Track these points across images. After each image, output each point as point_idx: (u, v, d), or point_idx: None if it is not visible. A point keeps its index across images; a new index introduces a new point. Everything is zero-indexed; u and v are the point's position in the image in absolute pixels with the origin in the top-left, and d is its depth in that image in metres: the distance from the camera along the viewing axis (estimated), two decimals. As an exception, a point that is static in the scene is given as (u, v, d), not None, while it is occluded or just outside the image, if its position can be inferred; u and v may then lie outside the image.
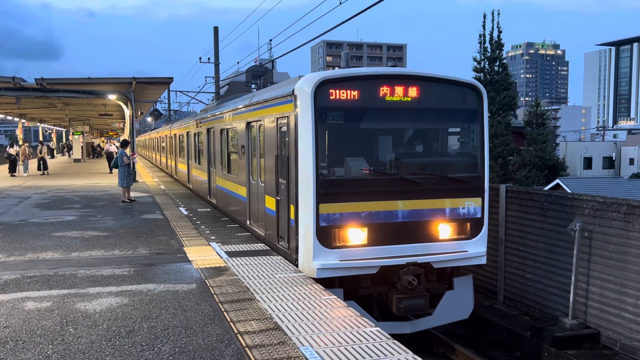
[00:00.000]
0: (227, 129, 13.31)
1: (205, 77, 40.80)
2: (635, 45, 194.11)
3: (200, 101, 41.98)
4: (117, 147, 35.86)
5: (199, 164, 18.07)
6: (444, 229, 8.44)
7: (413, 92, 8.26)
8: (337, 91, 7.87)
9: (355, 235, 8.00)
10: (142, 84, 24.98)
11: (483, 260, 8.68)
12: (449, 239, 8.46)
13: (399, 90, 8.17)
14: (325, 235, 7.85)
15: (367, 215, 8.04)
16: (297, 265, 8.20)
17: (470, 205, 8.58)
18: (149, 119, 53.52)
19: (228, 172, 13.33)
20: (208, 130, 15.97)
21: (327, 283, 7.68)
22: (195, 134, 18.97)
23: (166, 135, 31.09)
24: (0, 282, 7.76)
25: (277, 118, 8.88)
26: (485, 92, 8.76)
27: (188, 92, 41.51)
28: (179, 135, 24.04)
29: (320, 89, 7.78)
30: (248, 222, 11.33)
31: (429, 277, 8.46)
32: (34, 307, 6.59)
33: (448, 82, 8.61)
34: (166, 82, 25.36)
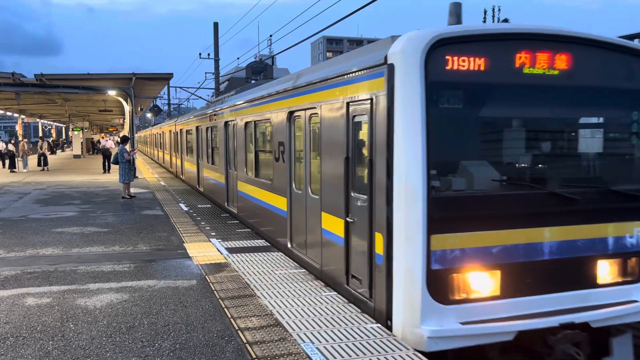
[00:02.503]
0: (255, 121, 10.80)
1: (205, 73, 40.68)
2: (635, 41, 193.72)
3: (200, 97, 41.93)
4: (114, 142, 35.80)
5: (213, 163, 15.68)
6: (605, 269, 5.84)
7: (563, 61, 5.59)
8: (456, 59, 5.23)
9: (483, 282, 5.37)
10: (142, 80, 24.94)
11: None
12: (611, 282, 5.86)
13: (543, 58, 5.50)
14: (440, 284, 5.20)
15: (500, 252, 5.39)
16: (388, 327, 5.49)
17: None
18: (149, 115, 53.48)
19: (256, 177, 10.78)
20: (226, 124, 13.51)
21: (436, 355, 5.20)
22: (207, 128, 16.40)
23: (170, 131, 28.54)
24: (1, 278, 7.75)
25: (348, 103, 6.30)
26: None
27: (188, 88, 41.43)
28: (186, 131, 21.57)
29: (434, 54, 5.13)
30: (290, 244, 8.71)
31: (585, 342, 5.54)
32: (34, 303, 6.59)
33: (618, 48, 5.84)
34: (166, 77, 25.32)
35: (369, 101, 5.78)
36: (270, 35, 28.84)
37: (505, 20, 6.21)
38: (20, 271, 8.10)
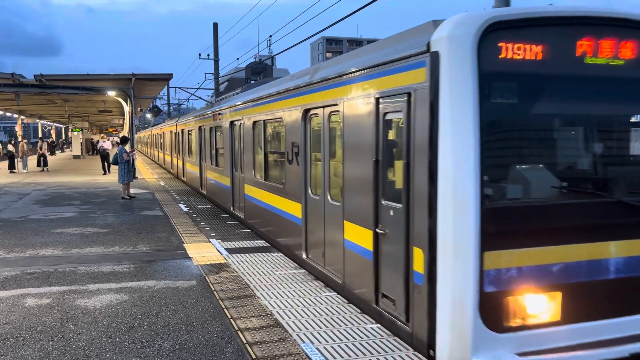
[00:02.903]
0: (264, 120, 10.08)
1: (205, 73, 40.72)
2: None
3: (200, 97, 41.94)
4: (113, 143, 35.64)
5: (217, 165, 14.91)
6: None
7: (629, 49, 4.83)
8: (511, 46, 4.50)
9: (542, 306, 4.65)
10: (142, 81, 24.95)
11: None
12: None
13: (607, 46, 4.76)
14: (494, 309, 4.48)
15: (562, 270, 4.69)
16: (430, 357, 4.78)
17: None
18: (149, 116, 53.49)
19: (265, 180, 10.09)
20: (232, 123, 12.73)
21: None
22: (211, 128, 15.57)
23: (171, 131, 27.68)
24: (1, 278, 7.75)
25: (378, 98, 5.55)
26: None
27: (187, 88, 41.46)
28: (188, 131, 20.73)
29: (487, 40, 4.43)
30: (305, 255, 8.00)
31: None
32: (34, 303, 6.59)
33: None
34: (165, 78, 25.33)
35: (406, 96, 5.03)
36: (270, 36, 28.85)
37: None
38: (20, 272, 8.09)
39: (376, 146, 5.62)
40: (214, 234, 10.91)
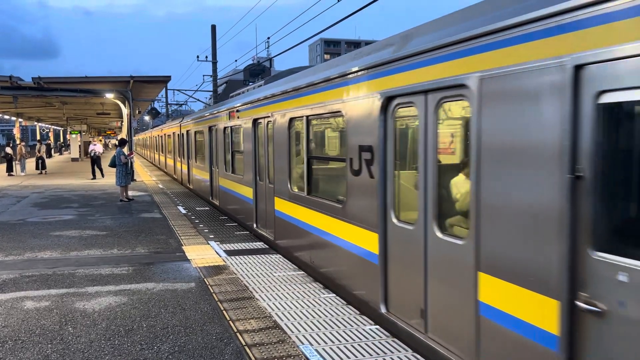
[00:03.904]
0: (307, 116, 7.72)
1: (203, 75, 40.71)
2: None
3: (198, 99, 41.96)
4: (102, 146, 35.08)
5: (233, 172, 12.91)
6: None
7: None
8: None
9: None
10: (140, 83, 24.94)
11: None
12: None
13: None
14: None
15: None
16: None
17: None
18: (147, 118, 53.46)
19: (309, 194, 7.78)
20: (255, 122, 10.57)
21: None
22: (226, 129, 13.43)
23: (174, 133, 25.64)
24: (-1, 281, 7.74)
25: (587, 70, 3.18)
26: None
27: (186, 90, 41.45)
28: (195, 132, 18.67)
29: None
30: (384, 307, 5.71)
31: None
32: (32, 306, 6.58)
33: None
34: (164, 80, 25.33)
35: None
36: (268, 38, 28.87)
37: None
38: (18, 274, 8.08)
39: (574, 150, 3.26)
40: (212, 236, 10.91)
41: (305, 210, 7.96)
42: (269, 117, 9.61)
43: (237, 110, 11.98)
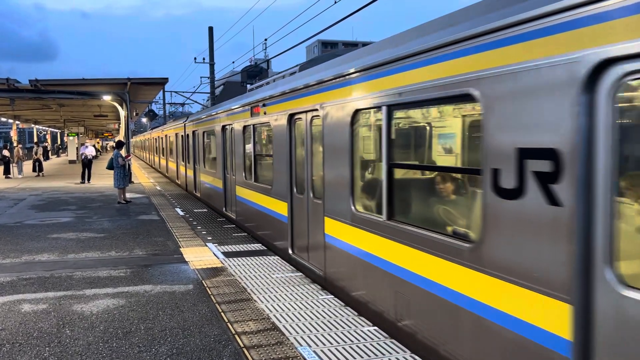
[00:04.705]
0: (392, 106, 5.38)
1: (201, 77, 40.72)
2: None
3: (196, 101, 41.93)
4: (95, 149, 34.45)
5: (256, 181, 10.63)
6: None
7: None
8: None
9: None
10: (137, 85, 24.92)
11: None
12: None
13: None
14: None
15: None
16: None
17: None
18: (144, 120, 53.42)
19: (394, 219, 5.42)
20: (293, 117, 8.28)
21: None
22: (246, 128, 11.15)
23: (176, 134, 23.54)
24: (-4, 284, 7.73)
25: None
26: None
27: (183, 92, 41.40)
28: (204, 133, 16.44)
29: None
30: None
31: None
32: (30, 309, 6.56)
33: None
34: (161, 82, 25.31)
35: None
36: (265, 39, 28.87)
37: None
38: (16, 277, 8.07)
39: None
40: (210, 238, 10.90)
41: (383, 243, 5.50)
42: (314, 110, 7.33)
43: (264, 104, 9.68)
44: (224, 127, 13.40)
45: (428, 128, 5.41)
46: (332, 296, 6.78)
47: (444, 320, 4.52)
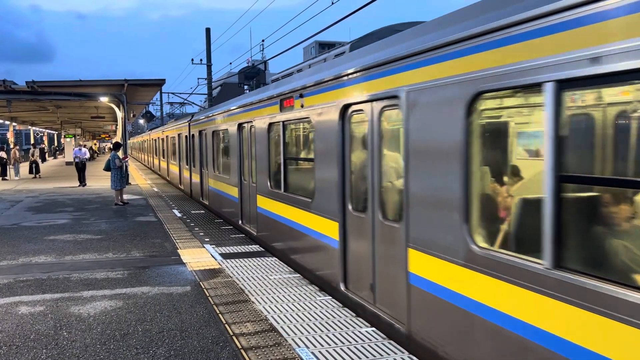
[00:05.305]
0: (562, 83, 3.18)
1: (198, 78, 40.73)
2: None
3: (193, 103, 41.91)
4: (89, 150, 34.26)
5: (285, 190, 8.66)
6: None
7: None
8: None
9: None
10: (134, 86, 24.87)
11: None
12: None
13: None
14: None
15: None
16: None
17: None
18: (142, 121, 53.37)
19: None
20: (346, 110, 6.37)
21: None
22: (272, 126, 9.25)
23: (179, 135, 21.70)
24: (-7, 286, 7.70)
25: None
26: None
27: (180, 93, 41.45)
28: (213, 133, 14.54)
29: None
30: None
31: None
32: (27, 311, 6.54)
33: None
34: (158, 83, 25.26)
35: None
36: (263, 40, 28.90)
37: None
38: (13, 279, 8.04)
39: None
40: (208, 239, 10.89)
41: (544, 305, 3.40)
42: (390, 97, 5.32)
43: (301, 95, 7.73)
44: (240, 126, 11.38)
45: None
46: (330, 297, 6.76)
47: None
